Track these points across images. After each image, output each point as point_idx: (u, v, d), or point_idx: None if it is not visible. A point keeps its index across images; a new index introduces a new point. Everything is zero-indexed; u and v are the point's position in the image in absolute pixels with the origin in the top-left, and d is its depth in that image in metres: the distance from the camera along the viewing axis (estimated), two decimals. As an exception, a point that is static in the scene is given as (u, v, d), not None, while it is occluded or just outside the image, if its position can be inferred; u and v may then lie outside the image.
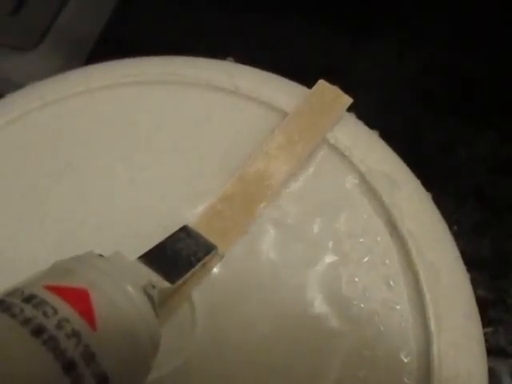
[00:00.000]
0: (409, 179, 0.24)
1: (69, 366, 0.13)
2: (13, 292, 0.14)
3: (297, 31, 0.42)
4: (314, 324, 0.21)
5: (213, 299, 0.20)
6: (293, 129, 0.23)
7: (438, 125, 0.41)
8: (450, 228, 0.39)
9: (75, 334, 0.13)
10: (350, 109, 0.25)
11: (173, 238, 0.20)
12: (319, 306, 0.21)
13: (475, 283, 0.38)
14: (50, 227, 0.21)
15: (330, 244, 0.22)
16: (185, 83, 0.24)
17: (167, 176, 0.23)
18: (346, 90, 0.42)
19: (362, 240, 0.22)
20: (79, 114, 0.23)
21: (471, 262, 0.38)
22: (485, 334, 0.37)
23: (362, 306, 0.21)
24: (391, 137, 0.40)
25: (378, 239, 0.22)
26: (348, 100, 0.24)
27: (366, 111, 0.41)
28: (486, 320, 0.37)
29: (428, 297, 0.21)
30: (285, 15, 0.43)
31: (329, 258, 0.22)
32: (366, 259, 0.22)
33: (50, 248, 0.21)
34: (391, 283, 0.22)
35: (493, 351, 0.35)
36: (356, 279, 0.22)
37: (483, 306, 0.37)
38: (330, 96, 0.23)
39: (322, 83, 0.24)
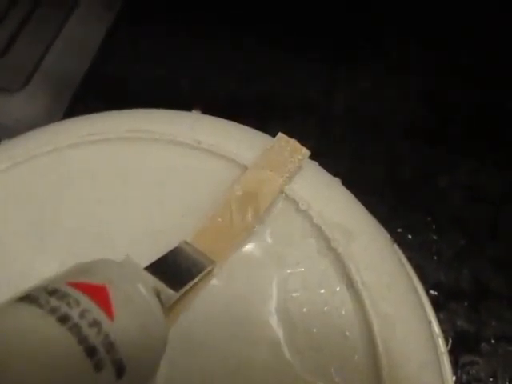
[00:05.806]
0: (367, 228, 0.24)
1: (91, 351, 0.14)
2: (36, 288, 0.16)
3: (271, 64, 0.43)
4: (270, 377, 0.21)
5: (172, 353, 0.21)
6: (251, 183, 0.23)
7: (416, 153, 0.42)
8: (430, 259, 0.40)
9: (96, 324, 0.15)
10: (316, 155, 0.26)
11: (173, 252, 0.21)
12: (276, 358, 0.21)
13: (455, 314, 0.38)
14: (16, 287, 0.22)
15: (287, 296, 0.22)
16: (148, 139, 0.25)
17: (131, 231, 0.24)
18: (325, 119, 0.43)
19: (319, 291, 0.23)
20: (47, 173, 0.24)
21: (451, 292, 0.39)
22: (465, 365, 0.37)
23: (318, 357, 0.22)
24: (369, 167, 0.41)
25: (335, 290, 0.23)
26: (306, 152, 0.24)
27: (343, 143, 0.41)
28: (465, 350, 0.37)
29: (381, 348, 0.21)
30: (261, 49, 0.44)
31: (286, 311, 0.22)
32: (323, 311, 0.22)
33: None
34: (347, 334, 0.22)
35: (472, 382, 0.36)
36: (314, 330, 0.22)
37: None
38: (288, 149, 0.24)
39: (280, 137, 0.24)
